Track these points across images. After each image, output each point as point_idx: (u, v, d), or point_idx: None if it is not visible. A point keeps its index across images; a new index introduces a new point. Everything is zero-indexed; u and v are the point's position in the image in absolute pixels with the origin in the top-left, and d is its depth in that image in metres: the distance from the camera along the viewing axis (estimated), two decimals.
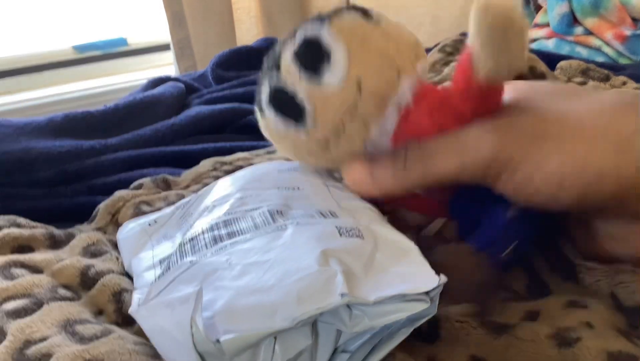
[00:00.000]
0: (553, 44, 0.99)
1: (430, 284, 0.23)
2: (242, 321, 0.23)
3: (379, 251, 0.26)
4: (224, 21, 1.18)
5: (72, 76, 1.24)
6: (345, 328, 0.24)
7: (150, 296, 0.27)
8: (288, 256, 0.26)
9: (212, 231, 0.30)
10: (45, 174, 0.54)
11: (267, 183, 0.34)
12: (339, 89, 0.28)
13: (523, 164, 0.26)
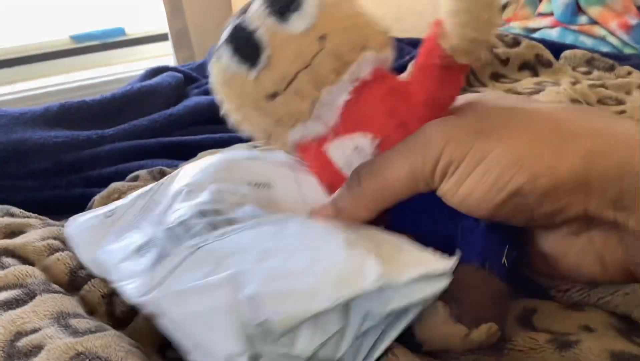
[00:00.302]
0: (557, 34, 0.98)
1: (449, 263, 0.25)
2: (285, 303, 0.24)
3: (381, 246, 0.27)
4: (222, 11, 1.17)
5: (69, 66, 1.23)
6: (380, 307, 0.25)
7: (153, 284, 0.27)
8: (308, 243, 0.27)
9: (205, 217, 0.30)
10: (40, 165, 0.53)
11: (237, 177, 0.33)
12: (302, 36, 0.28)
13: (466, 159, 0.26)
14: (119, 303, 0.31)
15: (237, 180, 0.33)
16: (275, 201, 0.32)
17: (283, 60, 0.28)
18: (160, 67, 0.81)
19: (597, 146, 0.24)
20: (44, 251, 0.34)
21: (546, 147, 0.24)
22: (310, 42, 0.28)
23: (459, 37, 0.26)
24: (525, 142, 0.25)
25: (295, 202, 0.32)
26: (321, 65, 0.28)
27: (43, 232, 0.36)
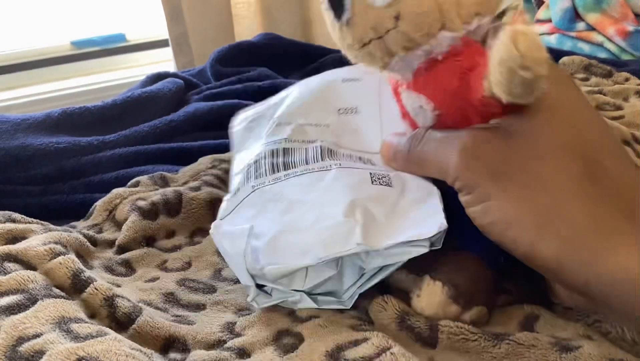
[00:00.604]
0: (555, 40, 0.98)
1: (431, 232, 0.29)
2: (280, 256, 0.30)
3: (404, 198, 0.32)
4: (222, 16, 1.17)
5: (70, 72, 1.23)
6: (364, 265, 0.31)
7: (227, 212, 0.35)
8: (324, 200, 0.32)
9: (272, 158, 0.36)
10: (42, 170, 0.53)
11: (330, 102, 0.39)
12: (380, 10, 0.28)
13: (474, 192, 0.28)
14: (121, 305, 0.31)
15: (329, 107, 0.39)
16: (357, 127, 0.38)
17: (360, 26, 0.29)
18: (161, 73, 0.81)
19: (575, 237, 0.26)
20: (46, 255, 0.34)
21: (533, 223, 0.27)
22: (386, 18, 0.28)
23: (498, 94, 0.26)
24: (520, 208, 0.27)
25: (373, 129, 0.37)
26: (392, 41, 0.29)
27: (45, 237, 0.36)
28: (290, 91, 0.42)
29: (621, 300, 0.25)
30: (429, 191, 0.32)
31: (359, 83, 0.40)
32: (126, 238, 0.40)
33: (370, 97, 0.39)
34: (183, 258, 0.39)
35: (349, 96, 0.39)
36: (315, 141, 0.36)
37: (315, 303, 0.31)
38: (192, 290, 0.36)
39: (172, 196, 0.43)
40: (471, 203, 0.28)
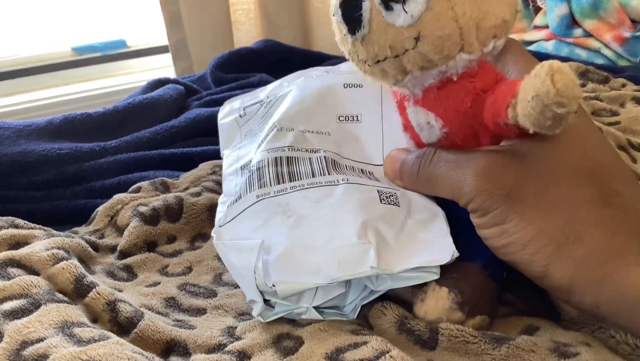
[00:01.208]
0: (552, 46, 0.99)
1: (444, 259, 0.29)
2: (292, 273, 0.30)
3: (410, 217, 0.32)
4: (221, 22, 1.17)
5: (71, 78, 1.23)
6: (373, 286, 0.31)
7: (227, 220, 0.34)
8: (335, 218, 0.32)
9: (276, 167, 0.35)
10: (44, 176, 0.54)
11: (331, 109, 0.39)
12: (398, 30, 0.28)
13: (489, 215, 0.29)
14: (123, 310, 0.31)
15: (329, 114, 0.39)
16: (358, 136, 0.38)
17: (377, 44, 0.29)
18: (162, 80, 0.81)
19: (590, 258, 0.27)
20: (49, 260, 0.34)
21: (549, 245, 0.27)
22: (405, 38, 0.28)
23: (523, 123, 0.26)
24: (537, 230, 0.28)
25: (374, 140, 0.37)
26: (409, 61, 0.29)
27: (48, 242, 0.37)
28: (288, 91, 0.41)
29: (631, 319, 0.26)
30: (434, 213, 0.32)
31: (361, 90, 0.40)
32: (127, 243, 0.40)
33: (372, 105, 0.39)
34: (184, 262, 0.40)
35: (350, 103, 0.39)
36: (318, 150, 0.36)
37: (321, 315, 0.32)
38: (193, 295, 0.36)
39: (173, 201, 0.43)
40: (486, 225, 0.29)
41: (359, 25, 0.29)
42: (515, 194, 0.28)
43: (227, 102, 0.45)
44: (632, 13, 0.92)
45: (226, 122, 0.43)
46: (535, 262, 0.28)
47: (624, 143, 0.54)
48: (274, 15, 1.23)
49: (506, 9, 0.28)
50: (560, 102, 0.23)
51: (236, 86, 0.81)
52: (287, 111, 0.39)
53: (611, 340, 0.28)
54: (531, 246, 0.28)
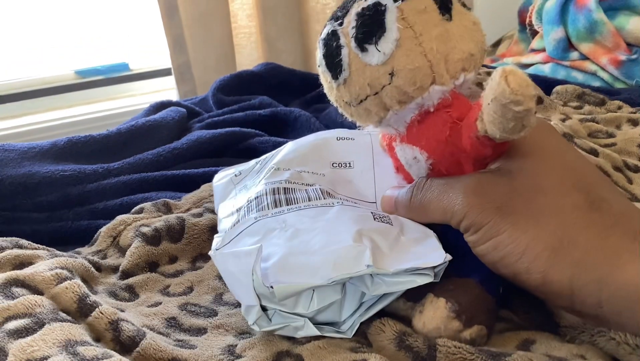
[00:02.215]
0: (549, 69, 1.00)
1: (438, 261, 0.30)
2: (290, 275, 0.30)
3: (403, 235, 0.33)
4: (224, 46, 1.19)
5: (74, 100, 1.25)
6: (368, 291, 0.31)
7: (225, 242, 0.35)
8: (331, 228, 0.33)
9: (274, 195, 0.37)
10: (48, 198, 0.54)
11: (324, 157, 0.41)
12: (374, 69, 0.30)
13: (483, 229, 0.29)
14: (125, 329, 0.32)
15: (323, 161, 0.41)
16: (351, 179, 0.40)
17: (357, 84, 0.31)
18: (164, 102, 0.82)
19: (586, 259, 0.27)
20: (53, 280, 0.35)
21: (545, 250, 0.28)
22: (380, 75, 0.30)
23: (491, 132, 0.28)
24: (530, 237, 0.28)
25: (367, 183, 0.39)
26: (387, 96, 0.31)
27: (51, 262, 0.37)
28: (283, 147, 0.44)
29: (633, 315, 0.26)
30: (426, 233, 0.33)
31: (353, 142, 0.43)
32: (130, 264, 0.41)
33: (364, 154, 0.42)
34: (185, 282, 0.40)
35: (343, 152, 0.42)
36: (314, 184, 0.38)
37: (319, 331, 0.32)
38: (194, 314, 0.36)
39: (175, 222, 0.44)
40: (480, 241, 0.30)
41: (340, 70, 0.31)
42: (505, 207, 0.29)
43: (221, 170, 0.47)
44: (628, 37, 0.93)
45: (221, 183, 0.45)
46: (533, 269, 0.28)
47: (620, 164, 0.54)
48: (274, 39, 1.25)
49: (472, 45, 0.31)
50: (516, 101, 0.25)
51: (237, 108, 0.82)
52: (283, 156, 0.42)
53: (611, 342, 0.28)
54: (527, 254, 0.28)
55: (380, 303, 0.32)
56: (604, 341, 0.29)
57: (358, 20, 0.30)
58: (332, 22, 0.32)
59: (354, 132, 0.44)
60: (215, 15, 1.16)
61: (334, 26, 0.32)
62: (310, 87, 0.93)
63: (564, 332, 0.31)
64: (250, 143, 0.69)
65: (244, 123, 0.75)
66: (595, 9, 0.93)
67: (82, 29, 1.35)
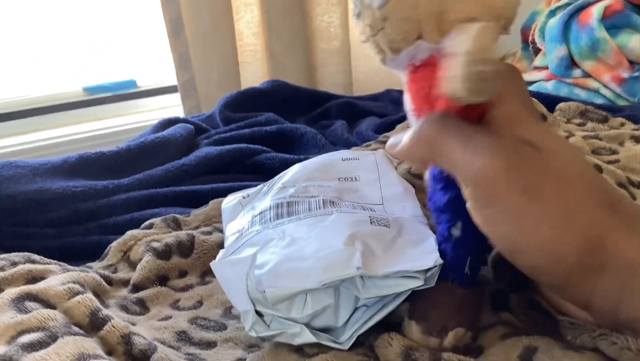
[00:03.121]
0: (552, 86, 1.01)
1: (427, 265, 0.31)
2: (282, 280, 0.31)
3: (400, 237, 0.34)
4: (228, 63, 1.20)
5: (82, 117, 1.26)
6: (359, 294, 0.32)
7: (227, 254, 0.36)
8: (325, 234, 0.34)
9: (277, 209, 0.39)
10: (59, 213, 0.55)
11: (331, 173, 0.43)
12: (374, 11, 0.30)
13: (500, 207, 0.27)
14: (137, 343, 0.32)
15: (330, 175, 0.43)
16: (357, 189, 0.41)
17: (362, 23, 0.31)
18: (172, 119, 0.83)
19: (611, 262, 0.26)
20: (65, 294, 0.35)
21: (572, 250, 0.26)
22: (377, 19, 0.30)
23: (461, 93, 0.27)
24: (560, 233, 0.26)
25: (373, 190, 0.41)
26: (381, 40, 0.31)
27: (63, 277, 0.38)
28: (290, 169, 0.46)
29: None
30: (425, 235, 0.34)
31: (358, 161, 0.45)
32: (140, 277, 0.41)
33: (369, 169, 0.43)
34: (195, 297, 0.41)
35: (349, 169, 0.44)
36: (317, 196, 0.39)
37: (315, 337, 0.32)
38: (204, 328, 0.37)
39: (185, 238, 0.45)
40: (492, 219, 0.28)
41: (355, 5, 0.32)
42: (533, 190, 0.27)
43: (231, 194, 0.49)
44: (630, 54, 0.94)
45: (230, 205, 0.46)
46: (556, 268, 0.27)
47: (624, 181, 0.55)
48: (280, 55, 1.26)
49: (477, 7, 0.29)
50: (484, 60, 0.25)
51: (244, 125, 0.83)
52: (290, 177, 0.44)
53: (613, 346, 0.29)
54: (556, 252, 0.26)
55: (379, 314, 0.33)
56: (606, 344, 0.29)
57: None
58: None
59: (358, 153, 0.46)
60: (220, 33, 1.18)
61: None
62: (316, 104, 0.95)
63: (565, 332, 0.31)
64: (257, 160, 0.70)
65: (250, 140, 0.76)
66: (597, 27, 0.94)
67: (90, 47, 1.36)
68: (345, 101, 0.94)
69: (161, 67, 1.34)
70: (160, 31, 1.15)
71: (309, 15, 1.30)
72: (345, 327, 0.33)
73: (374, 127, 0.82)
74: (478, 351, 0.32)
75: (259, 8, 1.22)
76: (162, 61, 1.28)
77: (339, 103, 0.93)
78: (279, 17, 1.24)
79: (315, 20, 1.31)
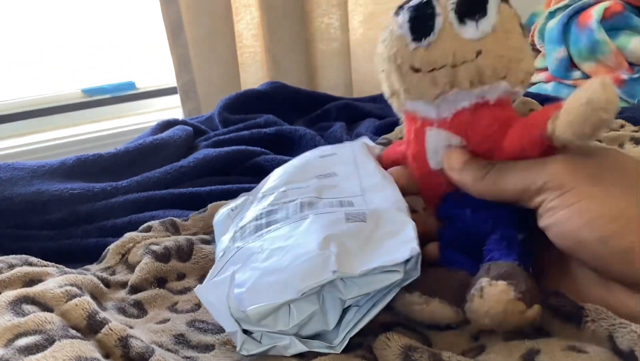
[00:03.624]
0: (552, 88, 1.01)
1: (403, 257, 0.31)
2: (262, 296, 0.31)
3: (378, 231, 0.34)
4: (228, 64, 1.20)
5: (81, 119, 1.26)
6: (342, 296, 0.32)
7: (213, 275, 0.35)
8: (301, 242, 0.34)
9: (256, 221, 0.39)
10: (57, 215, 0.55)
11: (309, 173, 0.43)
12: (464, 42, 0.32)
13: (571, 191, 0.30)
14: (134, 346, 0.32)
15: (308, 175, 0.43)
16: (336, 184, 0.41)
17: (441, 51, 0.32)
18: (171, 121, 0.83)
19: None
20: (63, 297, 0.35)
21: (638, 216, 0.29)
22: (467, 50, 0.32)
23: (562, 132, 0.30)
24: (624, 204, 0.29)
25: (352, 182, 0.41)
26: (464, 72, 0.32)
27: (61, 279, 0.38)
28: (269, 176, 0.46)
29: None
30: (403, 224, 0.34)
31: (335, 156, 0.45)
32: (138, 279, 0.41)
33: (347, 163, 0.43)
34: (193, 299, 0.40)
35: (326, 166, 0.44)
36: (295, 199, 0.39)
37: (306, 346, 0.32)
38: (202, 331, 0.37)
39: (184, 243, 0.45)
40: (564, 205, 0.30)
41: (427, 33, 0.33)
42: (595, 176, 0.30)
43: (219, 210, 0.48)
44: (630, 56, 0.94)
45: (220, 219, 0.46)
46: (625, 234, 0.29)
47: None
48: (279, 57, 1.26)
49: (531, 65, 0.34)
50: (607, 109, 0.28)
51: (243, 126, 0.82)
52: (269, 183, 0.44)
53: (628, 335, 0.29)
54: (622, 218, 0.29)
55: (370, 313, 0.32)
56: (624, 333, 0.29)
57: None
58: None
59: (335, 147, 0.46)
60: (220, 35, 1.18)
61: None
62: (315, 105, 0.94)
63: (586, 318, 0.31)
64: (256, 161, 0.69)
65: (249, 141, 0.75)
66: (597, 29, 0.94)
67: (89, 48, 1.36)
68: (345, 102, 0.94)
69: (160, 69, 1.34)
70: (159, 32, 1.15)
71: (309, 16, 1.30)
72: (337, 330, 0.33)
73: (373, 128, 0.81)
74: (480, 349, 0.32)
75: (259, 10, 1.22)
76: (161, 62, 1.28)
77: (338, 105, 0.93)
78: (279, 19, 1.24)
79: (314, 21, 1.31)
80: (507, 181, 0.33)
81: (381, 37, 0.36)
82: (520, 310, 0.29)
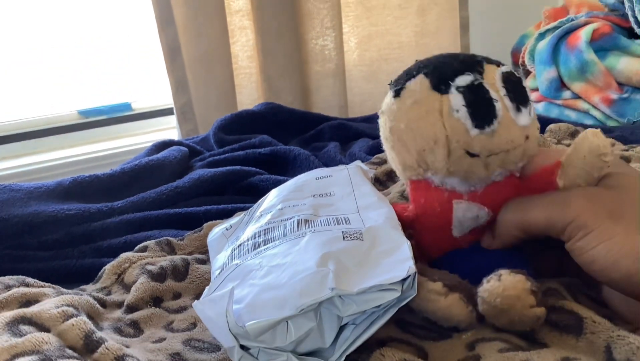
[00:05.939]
0: (542, 107, 1.02)
1: (400, 276, 0.31)
2: (261, 312, 0.31)
3: (374, 249, 0.34)
4: (225, 86, 1.21)
5: (77, 140, 1.26)
6: (340, 313, 0.32)
7: (210, 292, 0.36)
8: (299, 259, 0.34)
9: (254, 239, 0.39)
10: (53, 236, 0.55)
11: (306, 192, 0.44)
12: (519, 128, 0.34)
13: (594, 232, 0.31)
14: None
15: (305, 194, 0.44)
16: (332, 203, 0.42)
17: (502, 138, 0.33)
18: (166, 141, 0.84)
19: None
20: (59, 317, 0.35)
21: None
22: (519, 136, 0.34)
23: (573, 183, 0.33)
24: None
25: (348, 201, 0.41)
26: (513, 156, 0.34)
27: (57, 300, 0.38)
28: (266, 195, 0.47)
29: None
30: (399, 243, 0.34)
31: (331, 178, 0.46)
32: (135, 298, 0.42)
33: (343, 184, 0.44)
34: (188, 318, 0.41)
35: (323, 186, 0.45)
36: (292, 217, 0.40)
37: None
38: (198, 350, 0.37)
39: (180, 263, 0.45)
40: (589, 246, 0.31)
41: (490, 121, 0.33)
42: (616, 213, 0.31)
43: (215, 227, 0.49)
44: (619, 76, 0.95)
45: (215, 238, 0.47)
46: None
47: None
48: (274, 78, 1.27)
49: None
50: (605, 153, 0.32)
51: (238, 147, 0.83)
52: (267, 203, 0.45)
53: (626, 347, 0.29)
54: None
55: (368, 331, 0.33)
56: (622, 344, 0.30)
57: (507, 82, 0.34)
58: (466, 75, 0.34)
59: (331, 170, 0.48)
60: (216, 56, 1.19)
61: (476, 77, 0.33)
62: (309, 126, 0.95)
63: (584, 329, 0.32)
64: (251, 181, 0.70)
65: (244, 162, 0.76)
66: (586, 49, 0.96)
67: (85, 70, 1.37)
68: (338, 122, 0.95)
69: (156, 90, 1.35)
70: (155, 54, 1.16)
71: (303, 38, 1.32)
72: (334, 347, 0.33)
73: (366, 148, 0.82)
74: (475, 359, 0.32)
75: (254, 32, 1.24)
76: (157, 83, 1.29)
77: (332, 125, 0.94)
78: (274, 41, 1.25)
79: (309, 43, 1.32)
80: (531, 213, 0.34)
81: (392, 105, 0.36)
82: (531, 303, 0.32)
